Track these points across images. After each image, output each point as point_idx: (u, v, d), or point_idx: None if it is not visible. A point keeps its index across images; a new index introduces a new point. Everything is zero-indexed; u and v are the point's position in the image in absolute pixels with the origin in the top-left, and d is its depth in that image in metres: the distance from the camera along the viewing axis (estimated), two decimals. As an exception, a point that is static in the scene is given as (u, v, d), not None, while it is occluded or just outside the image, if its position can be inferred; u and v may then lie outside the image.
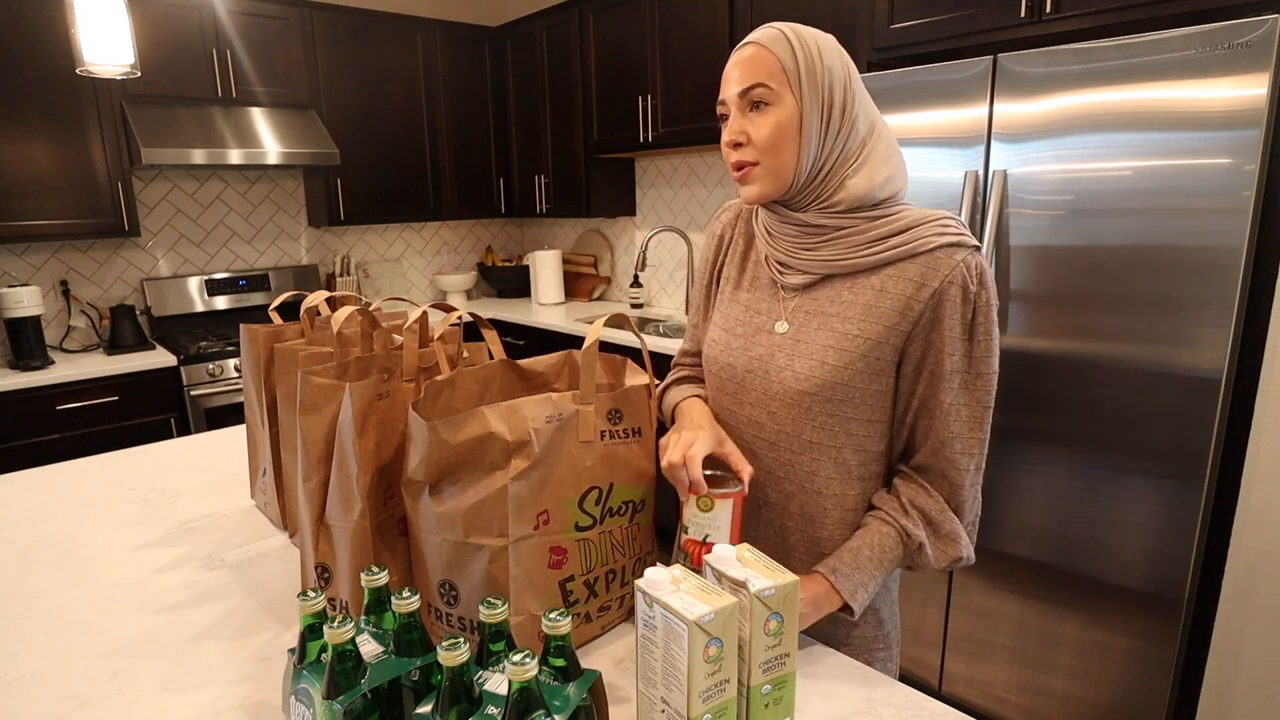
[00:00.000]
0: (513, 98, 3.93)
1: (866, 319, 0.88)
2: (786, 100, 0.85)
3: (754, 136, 0.87)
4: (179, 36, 3.01)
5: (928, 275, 0.86)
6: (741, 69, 0.87)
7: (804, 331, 0.92)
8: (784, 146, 0.86)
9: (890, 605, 1.03)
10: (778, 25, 0.87)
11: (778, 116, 0.86)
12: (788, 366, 0.92)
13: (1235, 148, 1.47)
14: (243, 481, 1.50)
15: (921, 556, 0.91)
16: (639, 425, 0.91)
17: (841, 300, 0.91)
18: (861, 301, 0.89)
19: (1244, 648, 1.65)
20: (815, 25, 2.48)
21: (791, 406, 0.92)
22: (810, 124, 0.86)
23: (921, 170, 1.94)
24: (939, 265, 0.86)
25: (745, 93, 0.86)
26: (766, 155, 0.87)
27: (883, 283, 0.88)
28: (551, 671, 0.65)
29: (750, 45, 0.87)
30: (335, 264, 3.83)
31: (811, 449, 0.93)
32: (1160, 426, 1.64)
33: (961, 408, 0.89)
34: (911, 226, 0.87)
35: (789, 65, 0.85)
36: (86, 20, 1.46)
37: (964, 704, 2.07)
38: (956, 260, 0.85)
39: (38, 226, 2.80)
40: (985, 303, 0.86)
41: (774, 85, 0.85)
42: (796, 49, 0.85)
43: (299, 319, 1.24)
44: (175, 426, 2.97)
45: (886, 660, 1.02)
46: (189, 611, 1.03)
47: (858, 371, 0.89)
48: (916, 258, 0.87)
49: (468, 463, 0.81)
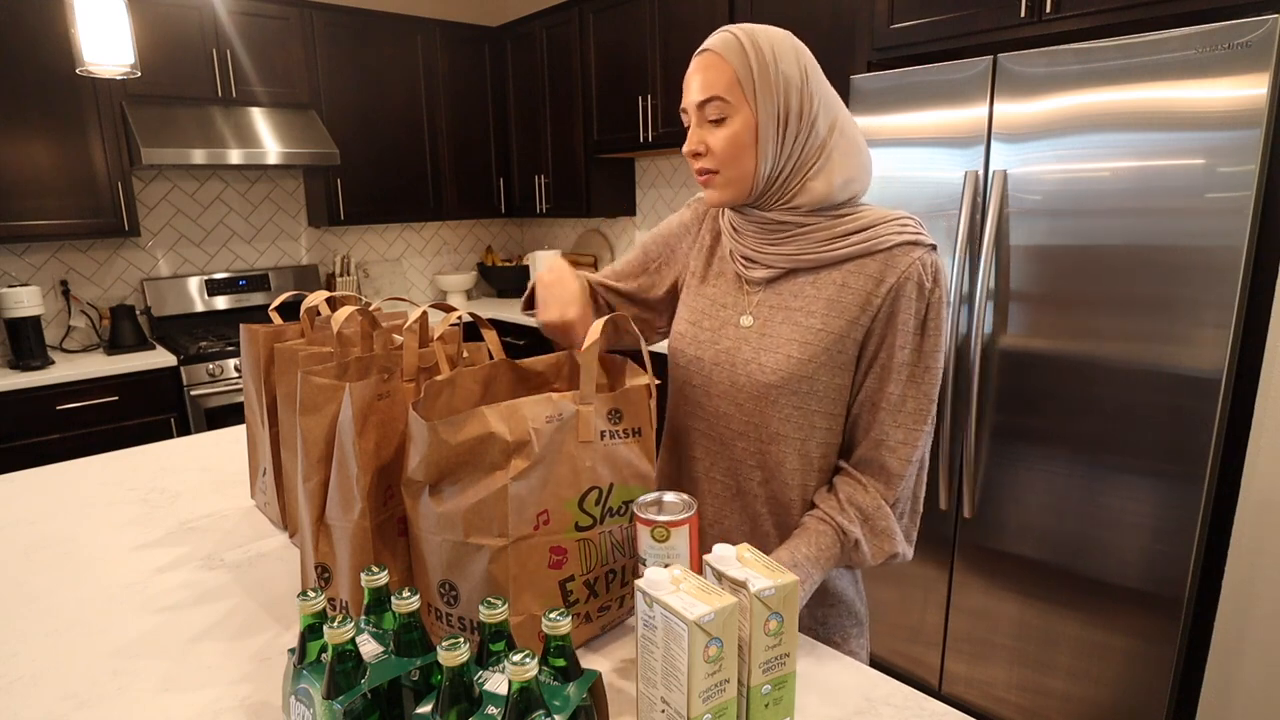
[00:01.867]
0: (513, 98, 3.93)
1: (829, 313, 0.91)
2: (742, 111, 0.88)
3: (712, 147, 0.90)
4: (179, 36, 3.01)
5: (886, 271, 0.89)
6: (701, 76, 0.89)
7: (769, 325, 0.95)
8: (741, 156, 0.89)
9: (855, 584, 1.07)
10: (735, 30, 0.89)
11: (733, 128, 0.88)
12: (753, 359, 0.95)
13: (1235, 148, 1.47)
14: (243, 481, 1.50)
15: (858, 554, 0.93)
16: (639, 425, 0.91)
17: (805, 295, 0.93)
18: (824, 296, 0.92)
19: (1244, 648, 1.65)
20: (815, 25, 2.49)
21: (758, 399, 0.95)
22: (766, 133, 0.88)
23: (921, 170, 1.94)
24: (897, 262, 0.89)
25: (703, 105, 0.89)
26: (725, 165, 0.90)
27: (844, 278, 0.91)
28: (551, 671, 0.65)
29: (707, 53, 0.89)
30: (335, 264, 3.83)
31: (778, 440, 0.95)
32: (1160, 426, 1.64)
33: (907, 399, 0.92)
34: (872, 225, 0.91)
35: (743, 76, 0.87)
36: (86, 20, 1.46)
37: (964, 704, 2.07)
38: (914, 257, 0.89)
39: (38, 226, 2.80)
40: (938, 299, 0.90)
41: (729, 98, 0.88)
42: (751, 57, 0.87)
43: (299, 319, 1.24)
44: (175, 426, 2.97)
45: (859, 636, 1.07)
46: (189, 611, 1.03)
47: (821, 364, 0.92)
48: (876, 255, 0.90)
49: (468, 463, 0.81)
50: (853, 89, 2.05)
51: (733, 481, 1.00)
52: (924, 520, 2.08)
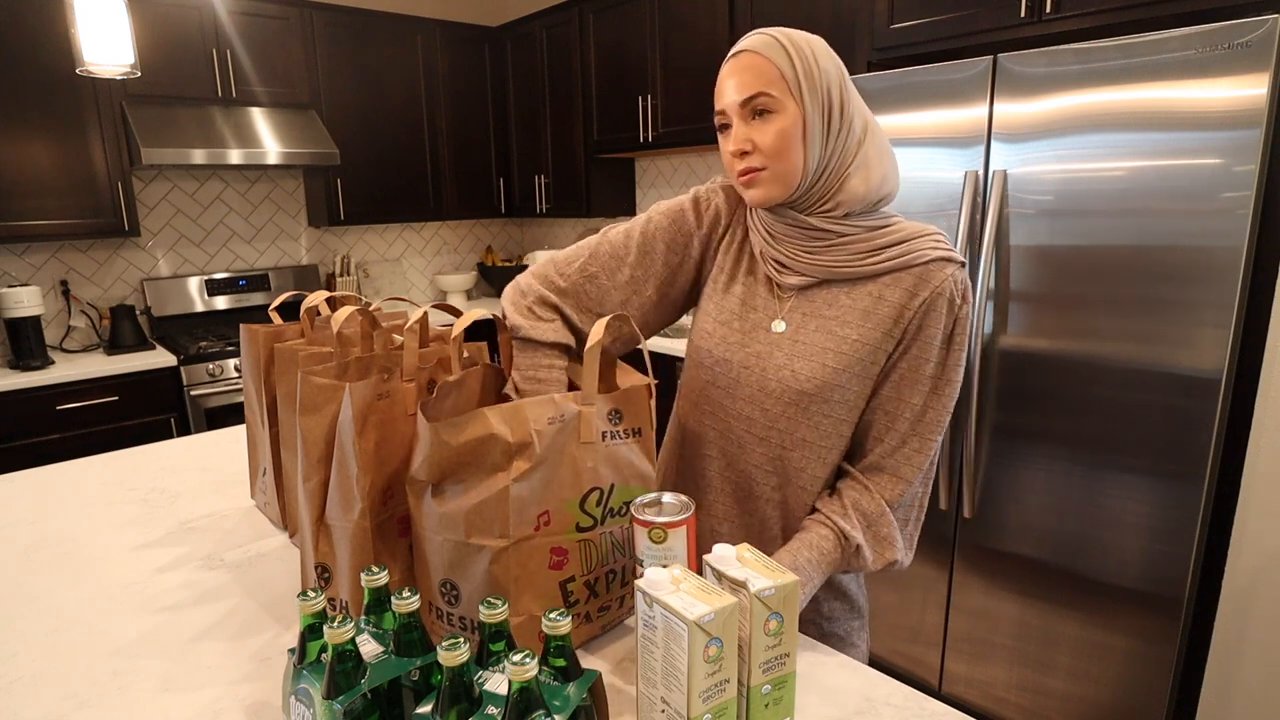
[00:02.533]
0: (513, 98, 3.93)
1: (864, 324, 0.91)
2: (789, 107, 0.87)
3: (759, 143, 0.89)
4: (179, 36, 3.01)
5: (920, 286, 0.90)
6: (740, 78, 0.88)
7: (802, 332, 0.94)
8: (790, 151, 0.88)
9: (856, 579, 1.08)
10: (768, 31, 0.89)
11: (781, 123, 0.87)
12: (786, 365, 0.94)
13: (1235, 148, 1.47)
14: (243, 481, 1.50)
15: (858, 559, 0.94)
16: (639, 425, 0.91)
17: (839, 304, 0.93)
18: (860, 307, 0.92)
19: (1244, 648, 1.65)
20: (815, 25, 2.50)
21: (788, 405, 0.94)
22: (813, 127, 0.88)
23: (921, 170, 1.94)
24: (931, 277, 0.90)
25: (747, 101, 0.88)
26: (774, 160, 0.89)
27: (880, 290, 0.92)
28: (551, 671, 0.65)
29: (746, 53, 0.88)
30: (335, 264, 3.83)
31: (803, 446, 0.96)
32: (1160, 426, 1.64)
33: (928, 410, 0.93)
34: (908, 239, 0.91)
35: (788, 72, 0.87)
36: (86, 20, 1.46)
37: (964, 704, 2.07)
38: (947, 274, 0.90)
39: (38, 226, 2.80)
40: (965, 315, 0.92)
41: (775, 93, 0.87)
42: (793, 55, 0.87)
43: (299, 319, 1.24)
44: (175, 426, 2.97)
45: (861, 629, 1.09)
46: (189, 611, 1.03)
47: (854, 375, 0.92)
48: (912, 269, 0.91)
49: (469, 464, 0.81)
50: (853, 89, 2.04)
51: (746, 484, 1.00)
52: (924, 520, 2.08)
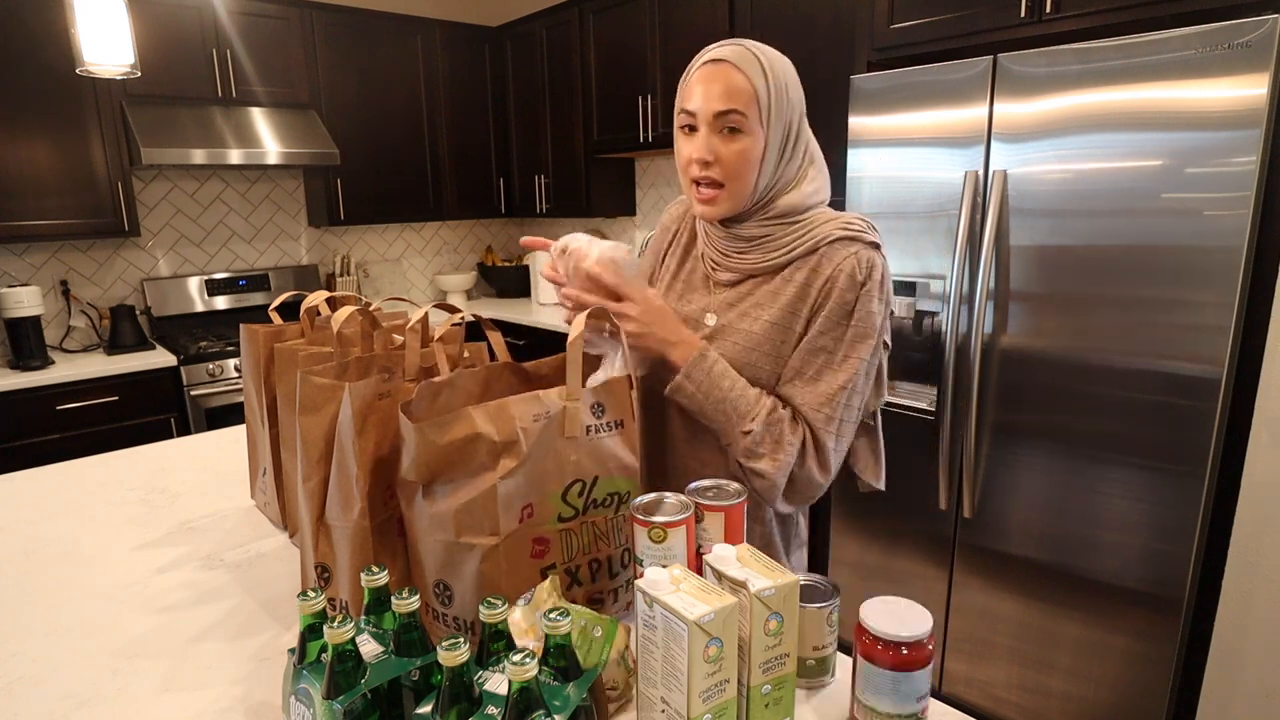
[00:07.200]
0: (513, 98, 3.93)
1: (774, 305, 0.99)
2: (756, 131, 0.92)
3: (723, 157, 0.93)
4: (179, 36, 3.01)
5: (823, 264, 0.97)
6: (717, 87, 0.91)
7: (728, 321, 1.03)
8: (747, 173, 0.94)
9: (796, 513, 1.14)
10: (749, 46, 0.92)
11: (745, 144, 0.93)
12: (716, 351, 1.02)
13: (1235, 148, 1.47)
14: (243, 481, 1.50)
15: (747, 438, 0.97)
16: (621, 417, 0.91)
17: (758, 293, 1.01)
18: (771, 290, 1.00)
19: (1244, 648, 1.65)
20: (815, 25, 2.50)
21: None
22: (771, 154, 0.94)
23: (921, 170, 1.94)
24: (834, 256, 0.96)
25: (721, 115, 0.92)
26: (731, 180, 0.95)
27: (790, 274, 0.99)
28: (551, 671, 0.65)
29: (726, 64, 0.91)
30: (335, 264, 3.83)
31: None
32: (1160, 426, 1.64)
33: (820, 383, 0.97)
34: (821, 224, 0.98)
35: (762, 99, 0.91)
36: (86, 20, 1.45)
37: (964, 704, 2.07)
38: (849, 252, 0.96)
39: (38, 226, 2.81)
40: (868, 293, 0.95)
41: (749, 115, 0.91)
42: (770, 81, 0.91)
43: (299, 319, 1.24)
44: (175, 426, 2.97)
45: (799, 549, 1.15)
46: (189, 611, 1.03)
47: (764, 354, 0.99)
48: (818, 250, 0.98)
49: (457, 463, 0.81)
50: (853, 89, 2.04)
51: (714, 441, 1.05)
52: (924, 520, 2.08)
